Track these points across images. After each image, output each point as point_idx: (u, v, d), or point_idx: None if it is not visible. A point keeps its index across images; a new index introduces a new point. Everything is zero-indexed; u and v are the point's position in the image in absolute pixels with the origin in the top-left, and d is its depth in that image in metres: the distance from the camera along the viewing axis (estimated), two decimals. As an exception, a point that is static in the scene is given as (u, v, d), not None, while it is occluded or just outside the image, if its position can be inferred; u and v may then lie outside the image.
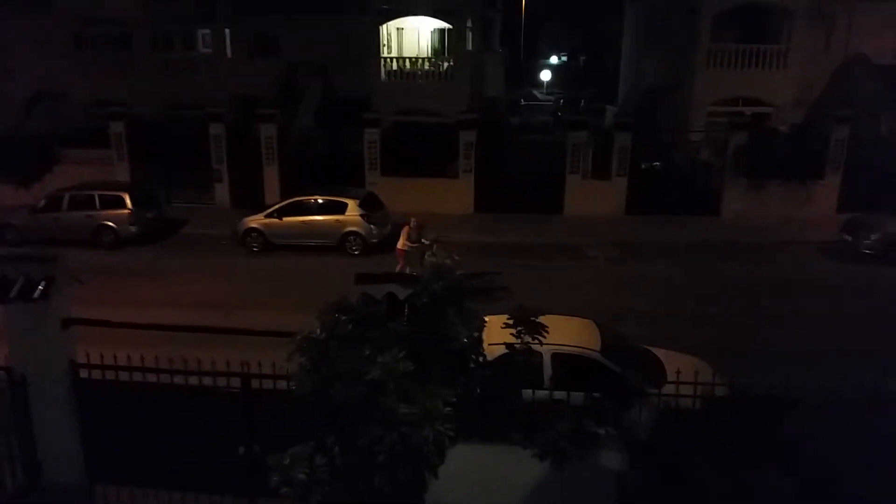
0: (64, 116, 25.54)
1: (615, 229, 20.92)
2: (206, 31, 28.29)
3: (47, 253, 6.53)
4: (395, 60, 26.63)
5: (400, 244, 15.86)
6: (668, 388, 6.45)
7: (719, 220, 21.76)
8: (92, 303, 7.36)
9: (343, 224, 18.72)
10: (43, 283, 6.12)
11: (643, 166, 23.06)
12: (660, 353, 9.68)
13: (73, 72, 26.60)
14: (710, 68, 24.15)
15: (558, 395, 6.07)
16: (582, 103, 43.71)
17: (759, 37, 24.21)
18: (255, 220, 19.12)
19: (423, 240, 15.41)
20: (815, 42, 24.08)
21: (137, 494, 6.46)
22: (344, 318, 4.68)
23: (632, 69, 33.40)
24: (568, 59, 67.58)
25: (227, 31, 27.68)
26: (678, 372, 6.47)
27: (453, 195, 22.49)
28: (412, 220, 16.11)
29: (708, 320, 13.67)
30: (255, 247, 19.02)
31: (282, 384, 5.79)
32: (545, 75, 60.31)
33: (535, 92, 57.70)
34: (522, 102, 48.61)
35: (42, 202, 19.71)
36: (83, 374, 6.44)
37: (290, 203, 19.27)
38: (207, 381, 6.23)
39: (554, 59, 67.14)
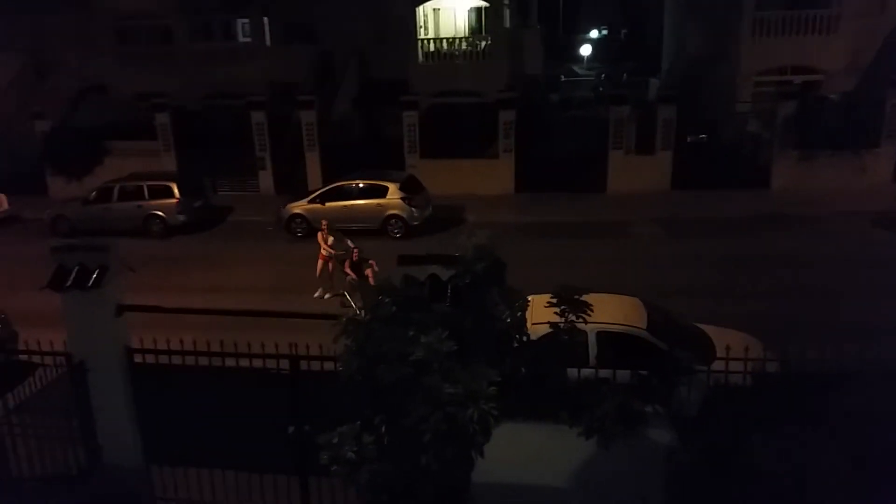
0: (109, 109, 26.20)
1: (660, 205, 20.54)
2: (245, 20, 28.59)
3: (100, 243, 6.72)
4: (432, 42, 26.50)
5: (322, 250, 14.57)
6: (718, 365, 6.33)
7: (769, 193, 21.16)
8: (144, 290, 7.57)
9: (384, 207, 18.83)
10: (97, 271, 6.32)
11: (689, 140, 22.56)
12: (708, 329, 9.50)
13: (116, 65, 27.23)
14: (755, 37, 23.38)
15: (604, 373, 6.02)
16: (624, 77, 42.87)
17: (807, 1, 23.31)
18: (299, 206, 19.37)
19: (349, 244, 14.24)
20: (867, 4, 23.06)
21: (191, 474, 6.65)
22: (387, 299, 4.72)
23: (675, 40, 32.56)
24: (608, 32, 66.24)
25: (265, 19, 27.91)
26: (728, 348, 6.35)
27: (493, 176, 22.39)
28: (322, 222, 15.19)
29: (758, 295, 13.35)
30: (300, 232, 19.28)
31: (329, 365, 5.89)
32: (585, 50, 59.22)
33: (575, 67, 56.74)
34: (562, 78, 47.87)
35: (93, 194, 20.29)
36: (137, 358, 6.64)
37: (332, 188, 19.45)
38: (257, 363, 6.35)
39: (594, 33, 65.84)
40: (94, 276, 6.29)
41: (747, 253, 16.25)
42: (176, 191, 19.89)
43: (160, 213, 19.72)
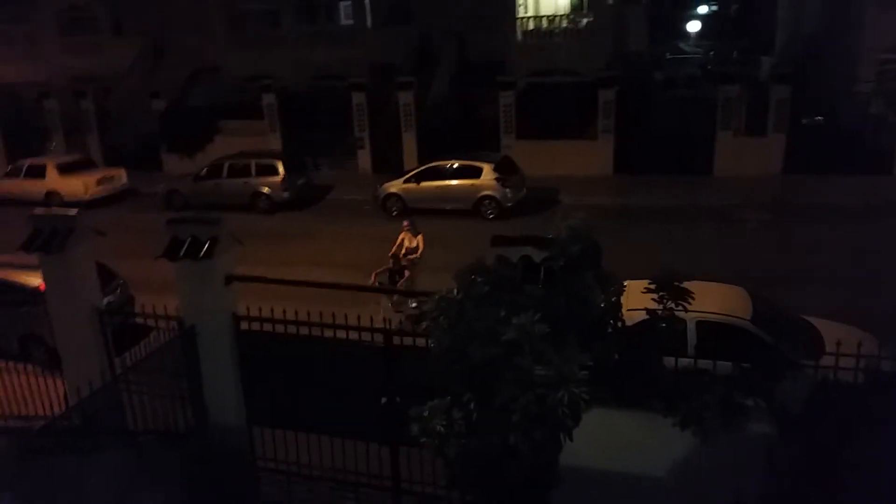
0: (220, 90, 27.51)
1: (771, 189, 19.49)
2: (347, 2, 29.18)
3: (212, 216, 7.10)
4: (531, 20, 26.10)
5: (404, 250, 12.90)
6: (827, 361, 5.98)
7: (892, 179, 19.62)
8: (249, 262, 7.95)
9: (478, 188, 18.83)
10: (208, 243, 6.68)
11: (804, 121, 21.22)
12: (818, 322, 8.99)
13: (228, 48, 28.50)
14: (883, 9, 21.57)
15: (703, 364, 5.82)
16: (734, 55, 40.75)
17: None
18: (395, 186, 19.69)
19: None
20: None
21: (289, 437, 6.98)
22: (480, 279, 4.72)
23: (790, 15, 30.58)
24: (718, 7, 62.94)
25: (366, 1, 28.37)
26: (838, 343, 5.98)
27: (591, 157, 21.90)
28: (404, 222, 13.33)
29: (875, 288, 12.44)
30: (395, 211, 19.61)
31: (420, 341, 6.00)
32: (693, 26, 56.53)
33: (682, 44, 54.35)
34: (668, 56, 46.03)
35: (204, 170, 21.38)
36: (243, 325, 6.99)
37: (427, 168, 19.65)
38: (353, 335, 6.56)
39: (703, 9, 62.74)
40: (206, 247, 6.65)
41: (865, 243, 15.16)
42: (281, 169, 20.66)
43: (266, 189, 20.56)
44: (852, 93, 21.58)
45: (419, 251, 12.67)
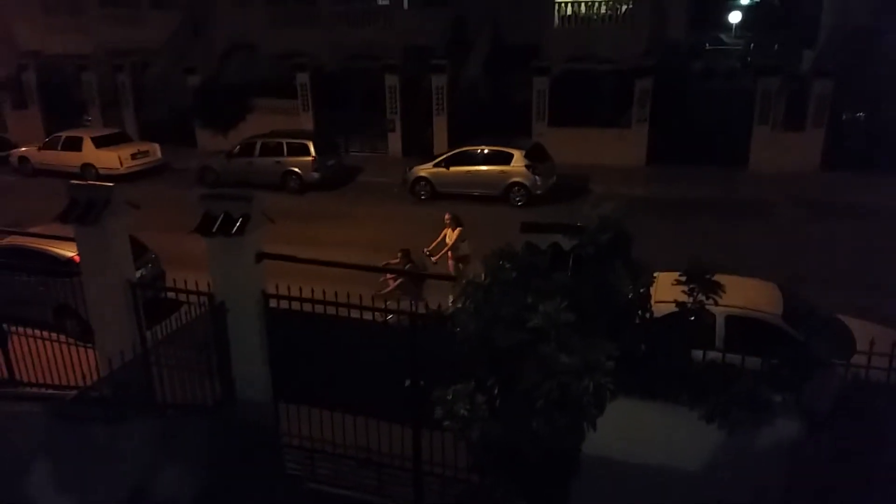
0: (254, 67, 27.58)
1: (807, 185, 19.09)
2: (384, -18, 29.00)
3: (245, 193, 7.16)
4: (569, 5, 25.72)
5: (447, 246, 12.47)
6: (859, 360, 5.88)
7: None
8: (279, 241, 8.02)
9: (508, 175, 18.73)
10: (240, 220, 6.75)
11: (844, 117, 20.68)
12: (850, 321, 8.83)
13: (264, 25, 28.55)
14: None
15: (731, 358, 5.75)
16: (775, 47, 39.79)
17: None
18: (424, 170, 19.67)
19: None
20: None
21: (314, 414, 7.06)
22: (507, 265, 4.71)
23: (836, 8, 29.70)
24: (760, -2, 61.45)
25: (403, -20, 28.20)
26: (871, 342, 5.87)
27: (624, 146, 21.64)
28: (447, 215, 12.70)
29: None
30: (423, 195, 19.61)
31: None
32: (734, 16, 55.34)
33: (722, 35, 53.25)
34: (707, 46, 45.11)
35: (237, 148, 21.54)
36: (272, 303, 7.06)
37: (457, 153, 19.57)
38: (379, 316, 6.59)
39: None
40: (238, 224, 6.72)
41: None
42: (312, 149, 20.75)
43: (297, 169, 20.66)
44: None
45: (449, 245, 12.55)
